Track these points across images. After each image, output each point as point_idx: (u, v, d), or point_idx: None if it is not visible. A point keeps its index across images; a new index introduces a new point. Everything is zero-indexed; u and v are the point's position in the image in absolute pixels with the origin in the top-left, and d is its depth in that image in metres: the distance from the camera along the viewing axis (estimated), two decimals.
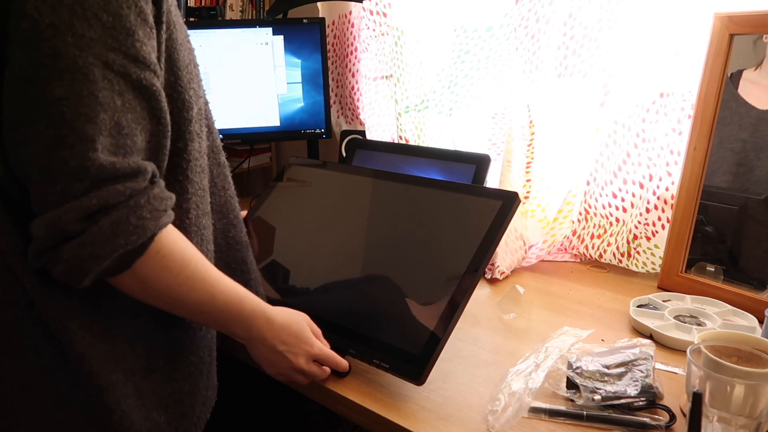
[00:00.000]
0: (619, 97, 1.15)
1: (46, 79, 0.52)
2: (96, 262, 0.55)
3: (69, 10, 0.52)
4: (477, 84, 1.34)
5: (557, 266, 1.26)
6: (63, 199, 0.54)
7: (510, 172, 1.19)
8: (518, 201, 0.84)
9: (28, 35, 0.52)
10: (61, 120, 0.53)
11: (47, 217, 0.54)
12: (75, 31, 0.52)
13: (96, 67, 0.53)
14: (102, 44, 0.53)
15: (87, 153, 0.53)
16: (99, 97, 0.54)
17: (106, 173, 0.54)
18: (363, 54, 1.58)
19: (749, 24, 0.98)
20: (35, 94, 0.53)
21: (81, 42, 0.52)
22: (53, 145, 0.53)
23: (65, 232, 0.54)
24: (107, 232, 0.55)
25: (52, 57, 0.52)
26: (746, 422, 0.60)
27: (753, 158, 1.01)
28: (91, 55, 0.53)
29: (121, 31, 0.54)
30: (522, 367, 0.78)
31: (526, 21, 1.16)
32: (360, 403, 0.75)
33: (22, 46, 0.52)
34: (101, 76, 0.54)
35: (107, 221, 0.55)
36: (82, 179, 0.54)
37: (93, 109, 0.53)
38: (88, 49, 0.53)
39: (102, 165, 0.54)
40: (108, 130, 0.54)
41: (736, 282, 1.03)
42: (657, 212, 1.14)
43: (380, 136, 1.62)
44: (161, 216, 0.59)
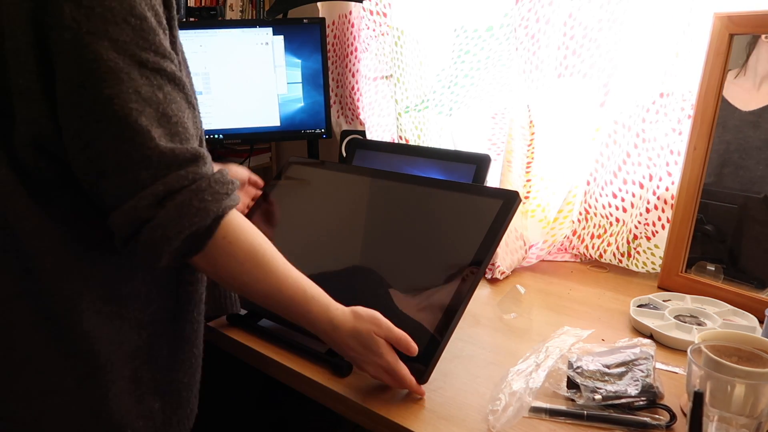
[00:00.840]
0: (619, 97, 1.15)
1: (94, 82, 0.57)
2: (167, 243, 0.60)
3: (101, 18, 0.56)
4: (477, 84, 1.34)
5: (557, 266, 1.26)
6: (135, 189, 0.59)
7: (510, 172, 1.19)
8: (519, 200, 0.84)
9: (71, 45, 0.56)
10: (116, 117, 0.57)
11: (124, 208, 0.59)
12: (110, 36, 0.57)
13: (133, 67, 0.58)
14: (135, 45, 0.58)
15: (146, 143, 0.58)
16: (142, 93, 0.58)
17: (168, 159, 0.59)
18: (363, 54, 1.58)
19: (749, 24, 0.98)
20: (87, 98, 0.57)
21: (117, 46, 0.57)
22: (116, 140, 0.57)
23: (141, 218, 0.59)
24: (173, 215, 0.59)
25: (96, 61, 0.56)
26: (746, 422, 0.60)
27: (737, 159, 1.01)
28: (128, 56, 0.58)
29: (148, 31, 0.59)
30: (522, 367, 0.78)
31: (526, 21, 1.16)
32: (360, 403, 0.75)
33: (68, 55, 0.57)
34: (139, 75, 0.58)
35: (172, 205, 0.59)
36: (147, 167, 0.58)
37: (140, 104, 0.58)
38: (124, 52, 0.57)
39: (162, 152, 0.59)
40: (158, 121, 0.59)
41: (736, 282, 1.03)
42: (657, 212, 1.14)
43: (380, 136, 1.62)
44: (223, 199, 0.63)
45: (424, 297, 0.81)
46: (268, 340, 0.91)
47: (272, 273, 0.68)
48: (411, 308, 0.82)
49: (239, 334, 0.93)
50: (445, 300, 0.79)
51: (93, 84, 0.57)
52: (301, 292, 0.70)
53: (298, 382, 0.83)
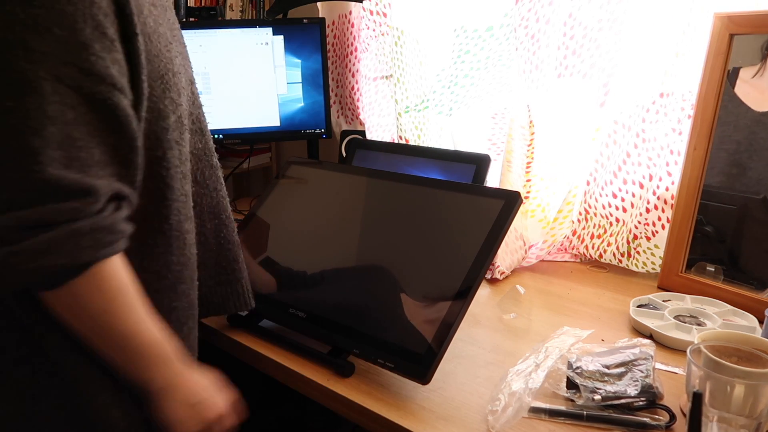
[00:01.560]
0: (619, 97, 1.15)
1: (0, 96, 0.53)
2: (19, 275, 0.54)
3: (22, 25, 0.53)
4: (477, 84, 1.34)
5: (557, 266, 1.26)
6: (6, 208, 0.54)
7: (510, 172, 1.19)
8: (520, 200, 0.84)
9: None
10: (8, 132, 0.53)
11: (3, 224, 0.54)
12: (27, 45, 0.53)
13: (46, 81, 0.54)
14: (54, 58, 0.54)
15: (30, 166, 0.53)
16: (47, 111, 0.54)
17: (50, 188, 0.54)
18: (363, 54, 1.58)
19: (749, 24, 0.98)
20: None
21: (32, 56, 0.53)
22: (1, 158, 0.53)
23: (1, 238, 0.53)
24: (39, 248, 0.54)
25: (3, 70, 0.53)
26: (746, 422, 0.60)
27: (746, 159, 1.01)
28: (42, 69, 0.53)
29: (75, 45, 0.55)
30: (522, 367, 0.78)
31: (526, 21, 1.16)
32: (360, 403, 0.75)
33: None
34: (51, 90, 0.54)
35: (44, 237, 0.54)
36: (24, 191, 0.54)
37: (40, 122, 0.53)
38: (39, 63, 0.53)
39: (46, 179, 0.54)
40: (57, 143, 0.54)
41: (736, 282, 1.03)
42: (657, 212, 1.14)
43: (380, 136, 1.62)
44: (104, 247, 0.57)
45: (425, 297, 0.81)
46: (268, 341, 0.91)
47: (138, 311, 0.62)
48: (412, 308, 0.82)
49: (240, 334, 0.93)
50: (447, 299, 0.79)
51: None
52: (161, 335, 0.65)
53: (298, 382, 0.83)
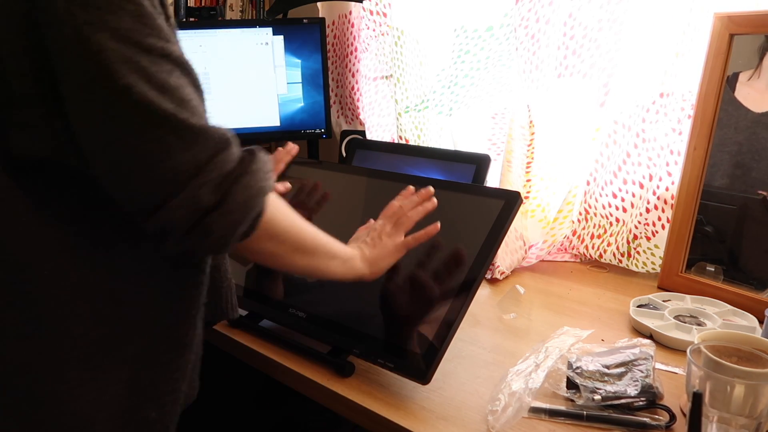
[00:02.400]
0: (619, 97, 1.15)
1: (106, 75, 0.53)
2: (238, 227, 0.59)
3: (96, 8, 0.53)
4: (477, 84, 1.34)
5: (557, 266, 1.26)
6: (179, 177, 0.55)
7: (510, 172, 1.19)
8: (521, 200, 0.84)
9: (73, 39, 0.53)
10: (140, 105, 0.53)
11: (180, 200, 0.55)
12: (109, 25, 0.53)
13: (141, 54, 0.54)
14: (137, 32, 0.54)
15: (179, 124, 0.55)
16: (158, 81, 0.55)
17: (207, 136, 0.56)
18: (363, 54, 1.58)
19: (749, 24, 0.98)
20: (105, 93, 0.53)
21: (118, 34, 0.53)
22: (146, 128, 0.54)
23: (203, 207, 0.56)
24: (241, 199, 0.58)
25: (101, 52, 0.53)
26: (746, 422, 0.60)
27: (749, 161, 1.01)
28: (132, 44, 0.54)
29: (147, 16, 0.56)
30: (522, 367, 0.78)
31: (526, 21, 1.16)
32: (360, 403, 0.75)
33: (73, 51, 0.53)
34: (149, 62, 0.55)
35: (238, 188, 0.57)
36: (187, 148, 0.55)
37: (158, 91, 0.54)
38: (128, 40, 0.54)
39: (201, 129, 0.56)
40: (182, 105, 0.56)
41: (736, 282, 1.03)
42: (657, 212, 1.14)
43: (380, 136, 1.62)
44: (270, 177, 0.62)
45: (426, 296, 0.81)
46: (268, 341, 0.91)
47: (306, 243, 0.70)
48: (413, 307, 0.82)
49: (240, 334, 0.93)
50: (448, 299, 0.79)
51: (104, 77, 0.53)
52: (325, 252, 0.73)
53: (299, 382, 0.83)
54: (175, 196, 0.55)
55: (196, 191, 0.55)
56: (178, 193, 0.55)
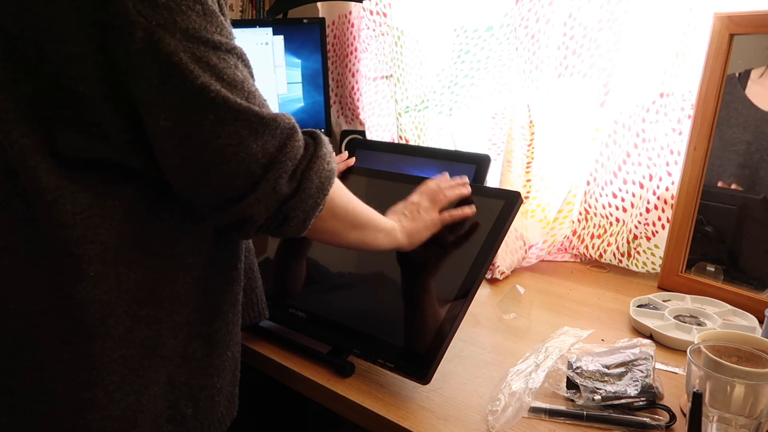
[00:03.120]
0: (619, 97, 1.15)
1: (180, 76, 0.54)
2: (316, 210, 0.62)
3: (167, 9, 0.54)
4: (477, 84, 1.34)
5: (557, 266, 1.26)
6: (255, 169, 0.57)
7: (510, 172, 1.19)
8: (521, 200, 0.84)
9: (145, 41, 0.53)
10: (215, 103, 0.55)
11: (260, 193, 0.58)
12: (180, 26, 0.54)
13: (210, 52, 0.56)
14: (205, 30, 0.56)
15: (250, 117, 0.56)
16: (227, 76, 0.56)
17: (276, 123, 0.58)
18: (363, 54, 1.58)
19: (749, 24, 0.98)
20: (179, 91, 0.54)
21: (188, 34, 0.54)
22: (219, 124, 0.55)
23: (282, 197, 0.59)
24: (317, 183, 0.61)
25: (175, 54, 0.53)
26: (746, 422, 0.60)
27: (758, 160, 1.00)
28: (202, 43, 0.55)
29: (211, 14, 0.57)
30: (522, 367, 0.78)
31: (526, 21, 1.16)
32: (360, 403, 0.75)
33: (146, 55, 0.53)
34: (218, 58, 0.56)
35: (312, 174, 0.61)
36: (259, 137, 0.57)
37: (229, 85, 0.56)
38: (197, 39, 0.55)
39: (269, 118, 0.58)
40: (249, 98, 0.58)
41: (736, 282, 1.03)
42: (657, 212, 1.14)
43: (380, 136, 1.62)
44: (334, 156, 0.65)
45: (426, 296, 0.81)
46: (268, 341, 0.91)
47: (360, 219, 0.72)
48: (414, 307, 0.82)
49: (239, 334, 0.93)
50: (448, 299, 0.79)
51: (179, 77, 0.54)
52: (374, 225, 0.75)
53: (298, 382, 0.83)
54: (254, 189, 0.57)
55: (274, 183, 0.58)
56: (257, 185, 0.57)
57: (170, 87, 0.54)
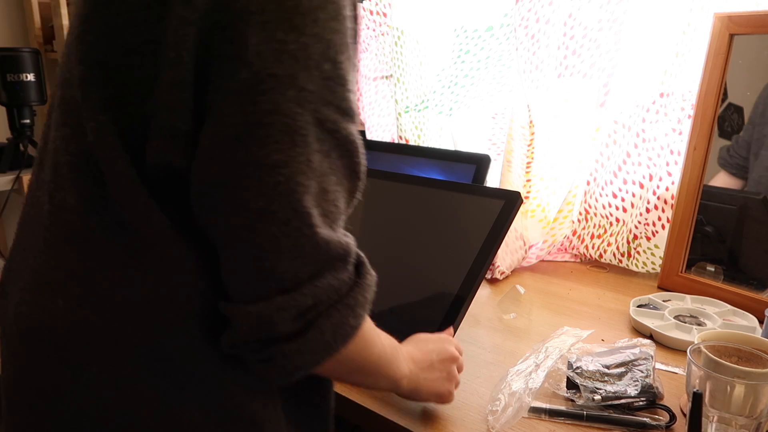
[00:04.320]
0: (619, 97, 1.15)
1: (261, 140, 0.44)
2: (311, 366, 0.49)
3: (293, 59, 0.44)
4: (477, 84, 1.34)
5: (557, 266, 1.26)
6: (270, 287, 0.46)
7: (510, 172, 1.19)
8: (521, 200, 0.84)
9: (246, 86, 0.44)
10: (275, 190, 0.44)
11: (256, 311, 0.46)
12: (297, 84, 0.45)
13: (312, 126, 0.46)
14: (319, 98, 0.46)
15: (302, 229, 0.45)
16: (313, 163, 0.46)
17: (321, 254, 0.47)
18: (363, 54, 1.58)
19: (749, 24, 0.98)
20: (245, 157, 0.44)
21: (301, 97, 0.45)
22: (262, 218, 0.44)
23: (275, 332, 0.47)
24: (327, 338, 0.48)
25: (271, 114, 0.44)
26: (746, 422, 0.60)
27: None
28: (308, 112, 0.45)
29: (337, 80, 0.47)
30: (522, 367, 0.78)
31: (526, 21, 1.16)
32: (360, 403, 0.75)
33: (238, 98, 0.45)
34: (315, 137, 0.46)
35: (327, 324, 0.48)
36: (293, 258, 0.46)
37: (309, 177, 0.45)
38: (307, 105, 0.45)
39: (318, 243, 0.46)
40: (317, 200, 0.46)
41: (736, 282, 1.03)
42: (657, 212, 1.14)
43: (380, 136, 1.62)
44: (367, 307, 0.52)
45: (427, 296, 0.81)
46: None
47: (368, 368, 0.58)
48: (414, 307, 0.82)
49: None
50: (448, 299, 0.79)
51: (258, 142, 0.44)
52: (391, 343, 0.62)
53: None
54: (252, 304, 0.46)
55: (274, 313, 0.46)
56: (258, 301, 0.46)
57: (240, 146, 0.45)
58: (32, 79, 1.79)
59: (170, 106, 0.47)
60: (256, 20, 0.44)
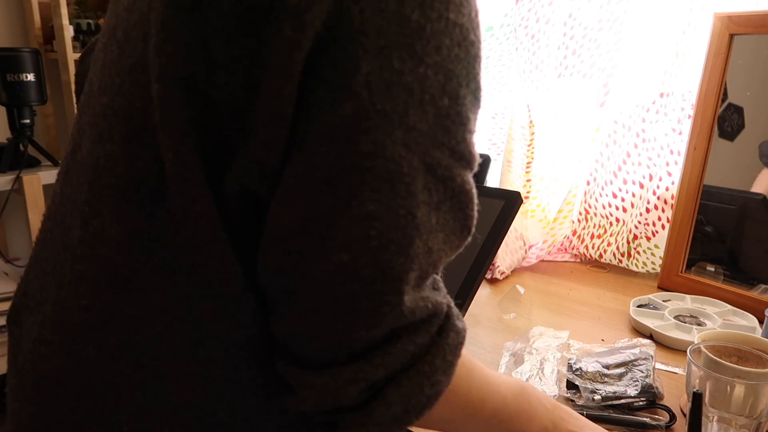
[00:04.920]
0: (619, 97, 1.15)
1: (356, 186, 0.37)
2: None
3: (407, 93, 0.37)
4: None
5: (557, 266, 1.26)
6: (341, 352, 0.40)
7: (510, 172, 1.19)
8: (521, 200, 0.84)
9: (347, 122, 0.37)
10: (365, 246, 0.37)
11: (321, 384, 0.41)
12: (407, 122, 0.37)
13: (420, 173, 0.38)
14: (431, 140, 0.38)
15: (388, 296, 0.38)
16: (417, 217, 0.38)
17: (403, 321, 0.40)
18: None
19: (749, 24, 0.98)
20: (334, 203, 0.37)
21: (410, 138, 0.37)
22: (343, 274, 0.38)
23: (340, 404, 0.41)
24: (396, 410, 0.41)
25: (372, 157, 0.37)
26: (746, 422, 0.60)
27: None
28: (417, 156, 0.38)
29: (455, 119, 0.39)
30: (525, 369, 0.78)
31: (526, 21, 1.16)
32: None
33: (335, 136, 0.37)
34: (422, 186, 0.38)
35: (396, 395, 0.41)
36: (372, 327, 0.39)
37: (408, 234, 0.38)
38: (416, 148, 0.37)
39: (402, 313, 0.39)
40: (416, 261, 0.39)
41: (736, 282, 1.03)
42: (657, 212, 1.14)
43: None
44: (454, 367, 0.43)
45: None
46: None
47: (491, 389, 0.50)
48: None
49: None
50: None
51: (351, 187, 0.37)
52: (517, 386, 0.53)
53: None
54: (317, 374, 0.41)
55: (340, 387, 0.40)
56: (321, 372, 0.41)
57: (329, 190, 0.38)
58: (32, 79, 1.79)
59: (265, 141, 0.39)
60: (373, 44, 0.36)
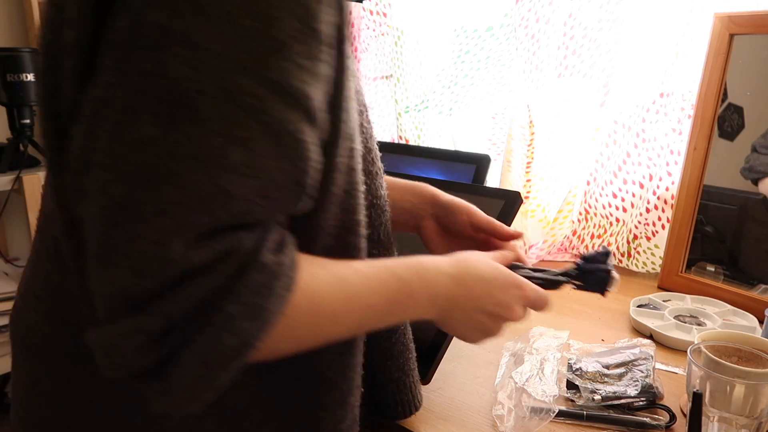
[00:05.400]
0: (619, 97, 1.15)
1: (133, 109, 0.34)
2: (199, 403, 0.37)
3: (193, 8, 0.33)
4: (477, 84, 1.34)
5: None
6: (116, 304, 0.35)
7: (510, 172, 1.19)
8: (521, 200, 0.84)
9: (123, 38, 0.34)
10: (139, 176, 0.34)
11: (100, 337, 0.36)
12: (192, 40, 0.33)
13: (211, 99, 0.33)
14: (229, 62, 0.33)
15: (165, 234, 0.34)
16: (203, 147, 0.34)
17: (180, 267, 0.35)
18: (363, 54, 1.58)
19: (749, 24, 0.98)
20: (112, 128, 0.34)
21: (197, 57, 0.33)
22: (119, 209, 0.34)
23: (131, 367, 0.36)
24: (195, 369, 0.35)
25: (150, 76, 0.33)
26: (746, 422, 0.60)
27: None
28: (209, 80, 0.33)
29: (264, 42, 0.34)
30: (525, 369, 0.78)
31: (526, 21, 1.16)
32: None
33: (113, 54, 0.34)
34: (216, 115, 0.34)
35: (189, 354, 0.35)
36: (140, 274, 0.34)
37: (187, 166, 0.34)
38: (207, 70, 0.33)
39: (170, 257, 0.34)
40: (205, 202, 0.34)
41: (736, 282, 1.03)
42: (657, 212, 1.14)
43: (380, 136, 1.62)
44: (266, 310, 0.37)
45: None
46: None
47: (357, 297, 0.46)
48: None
49: None
50: None
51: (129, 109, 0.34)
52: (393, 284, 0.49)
53: None
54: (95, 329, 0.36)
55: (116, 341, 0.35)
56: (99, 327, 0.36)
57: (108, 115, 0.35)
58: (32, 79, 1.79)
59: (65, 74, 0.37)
60: None
